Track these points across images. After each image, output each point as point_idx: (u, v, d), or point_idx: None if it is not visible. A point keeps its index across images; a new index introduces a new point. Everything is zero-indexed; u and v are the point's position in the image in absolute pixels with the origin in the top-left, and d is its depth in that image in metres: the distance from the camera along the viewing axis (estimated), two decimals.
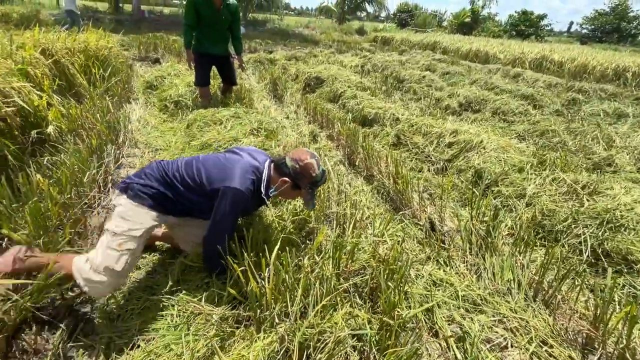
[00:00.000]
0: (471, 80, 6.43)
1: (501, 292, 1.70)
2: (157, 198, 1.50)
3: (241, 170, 1.51)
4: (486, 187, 2.61)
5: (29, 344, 1.33)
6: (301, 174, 1.54)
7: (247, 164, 1.56)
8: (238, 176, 1.48)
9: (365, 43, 15.39)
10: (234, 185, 1.45)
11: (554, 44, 17.50)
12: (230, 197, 1.45)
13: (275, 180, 1.59)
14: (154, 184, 1.50)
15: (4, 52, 2.80)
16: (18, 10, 10.42)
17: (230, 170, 1.51)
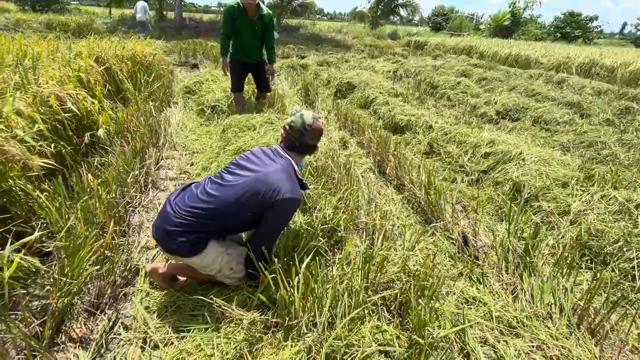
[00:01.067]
0: (510, 87, 6.14)
1: (540, 316, 1.60)
2: (203, 237, 1.47)
3: (288, 178, 1.49)
4: (525, 201, 2.47)
5: (76, 332, 1.43)
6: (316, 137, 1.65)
7: (285, 169, 1.53)
8: (289, 186, 1.46)
9: (398, 48, 15.18)
10: (289, 195, 1.43)
11: (604, 47, 16.28)
12: (289, 207, 1.48)
13: (297, 159, 1.66)
14: (190, 235, 1.43)
15: (64, 60, 3.07)
16: (75, 19, 11.38)
17: (278, 181, 1.45)
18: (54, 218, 1.63)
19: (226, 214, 1.45)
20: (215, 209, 1.44)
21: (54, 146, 2.11)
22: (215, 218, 1.46)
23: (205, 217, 1.44)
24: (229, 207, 1.44)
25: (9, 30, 9.43)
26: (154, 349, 1.40)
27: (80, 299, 1.54)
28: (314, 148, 1.71)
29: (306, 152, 1.69)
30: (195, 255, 1.46)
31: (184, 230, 1.42)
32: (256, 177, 1.47)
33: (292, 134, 1.61)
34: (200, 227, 1.44)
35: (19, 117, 1.90)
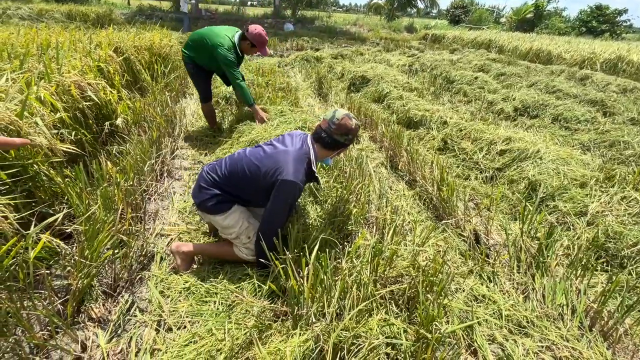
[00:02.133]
0: (529, 83, 5.96)
1: (551, 317, 1.58)
2: (229, 199, 1.67)
3: (294, 161, 1.55)
4: (541, 201, 2.42)
5: (95, 312, 1.50)
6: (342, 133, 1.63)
7: (298, 154, 1.59)
8: (292, 168, 1.53)
9: (414, 41, 14.89)
10: (289, 178, 1.50)
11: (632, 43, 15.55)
12: (287, 189, 1.52)
13: (324, 154, 1.70)
14: (214, 193, 1.65)
15: (85, 51, 3.14)
16: (95, 10, 11.59)
17: (284, 162, 1.55)
18: (74, 203, 1.70)
19: (236, 182, 1.63)
20: (229, 175, 1.64)
21: (75, 134, 2.18)
22: (230, 184, 1.64)
23: (223, 181, 1.64)
24: (239, 176, 1.61)
25: (32, 21, 9.69)
26: (168, 332, 1.46)
27: (98, 281, 1.61)
28: (342, 146, 1.69)
29: (332, 147, 1.67)
30: (219, 214, 1.66)
31: (209, 189, 1.65)
32: (270, 154, 1.60)
33: (321, 125, 1.66)
34: (221, 189, 1.65)
35: (42, 106, 1.97)
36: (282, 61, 7.59)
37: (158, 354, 1.35)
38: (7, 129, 1.66)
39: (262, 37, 2.93)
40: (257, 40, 2.93)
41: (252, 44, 2.96)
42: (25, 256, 1.28)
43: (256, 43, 2.94)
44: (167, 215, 2.25)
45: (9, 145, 0.69)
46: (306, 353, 1.21)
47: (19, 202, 1.61)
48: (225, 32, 2.99)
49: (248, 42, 2.96)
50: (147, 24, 8.65)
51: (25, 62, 2.48)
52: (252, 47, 2.99)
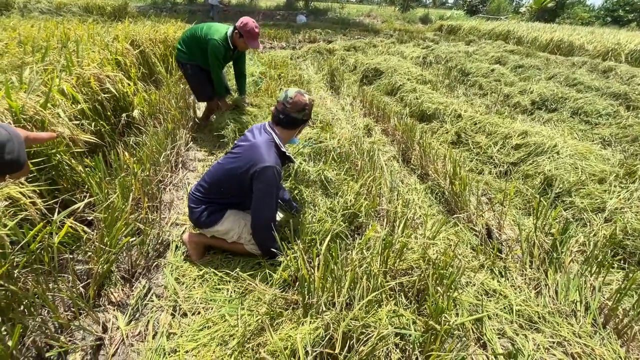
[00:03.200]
0: (548, 75, 5.77)
1: (563, 313, 1.57)
2: (219, 208, 1.74)
3: (264, 149, 1.59)
4: (556, 196, 2.37)
5: (114, 296, 1.57)
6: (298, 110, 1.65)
7: (263, 142, 1.63)
8: (265, 156, 1.57)
9: (429, 32, 14.56)
10: (265, 163, 1.55)
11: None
12: (266, 175, 1.55)
13: (284, 133, 1.71)
14: (203, 208, 1.72)
15: (103, 44, 3.22)
16: (111, 3, 11.76)
17: (254, 154, 1.59)
18: (94, 191, 1.77)
19: (221, 190, 1.70)
20: (211, 187, 1.71)
21: (94, 125, 2.25)
22: (216, 194, 1.72)
23: (208, 194, 1.72)
24: (220, 184, 1.69)
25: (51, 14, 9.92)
26: (183, 317, 1.51)
27: (117, 267, 1.68)
28: (301, 122, 1.71)
29: (292, 125, 1.70)
30: (215, 224, 1.73)
31: (198, 206, 1.73)
32: (239, 154, 1.66)
33: (277, 107, 1.68)
34: (209, 202, 1.73)
35: (63, 97, 2.04)
36: (295, 54, 7.56)
37: (174, 337, 1.41)
38: (32, 119, 1.73)
39: (248, 27, 2.81)
40: (244, 30, 2.82)
41: (240, 33, 2.87)
42: (50, 241, 1.35)
43: (243, 33, 2.83)
44: (181, 206, 2.30)
45: (38, 140, 0.72)
46: (316, 340, 1.24)
47: (44, 190, 1.69)
48: (219, 27, 2.98)
49: (236, 32, 2.88)
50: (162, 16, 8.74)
51: (47, 55, 2.56)
52: (239, 37, 2.90)
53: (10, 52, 2.64)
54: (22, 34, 3.26)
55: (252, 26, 2.83)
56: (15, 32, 3.42)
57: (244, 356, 1.29)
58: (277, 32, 10.13)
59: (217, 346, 1.35)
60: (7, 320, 1.16)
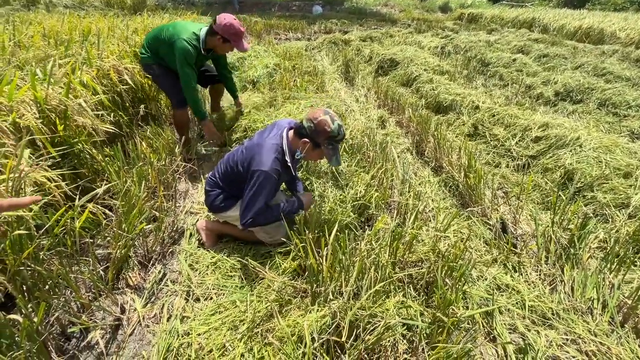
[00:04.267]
0: (575, 65, 5.49)
1: (579, 310, 1.52)
2: (232, 195, 1.77)
3: (266, 151, 1.60)
4: (577, 191, 2.28)
5: (132, 280, 1.64)
6: (317, 132, 1.57)
7: (269, 144, 1.63)
8: (264, 158, 1.58)
9: (448, 21, 14.09)
10: (260, 167, 1.56)
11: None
12: (257, 178, 1.57)
13: (296, 143, 1.66)
14: (217, 193, 1.78)
15: (122, 36, 3.29)
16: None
17: (257, 154, 1.61)
18: (113, 179, 1.84)
19: (231, 180, 1.74)
20: (224, 175, 1.76)
21: (113, 116, 2.33)
22: (227, 183, 1.76)
23: (222, 181, 1.77)
24: (230, 174, 1.73)
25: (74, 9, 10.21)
26: (196, 302, 1.57)
27: (135, 252, 1.75)
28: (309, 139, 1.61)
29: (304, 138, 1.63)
30: (228, 210, 1.77)
31: (213, 190, 1.79)
32: (246, 147, 1.71)
33: (307, 117, 1.62)
34: (222, 188, 1.77)
35: (84, 89, 2.11)
36: (310, 45, 7.50)
37: (187, 320, 1.46)
38: (56, 109, 1.80)
39: (234, 28, 2.31)
40: (229, 33, 2.31)
41: (224, 38, 2.34)
42: (72, 225, 1.42)
43: (229, 36, 2.33)
44: (196, 195, 2.36)
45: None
46: (323, 328, 1.26)
47: (67, 175, 1.77)
48: (189, 26, 2.43)
49: (219, 37, 2.34)
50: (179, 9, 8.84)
51: (70, 48, 2.65)
52: (224, 42, 2.37)
53: (35, 46, 2.74)
54: (46, 28, 3.38)
55: (238, 26, 2.33)
56: (40, 26, 3.55)
57: (253, 341, 1.32)
58: (293, 23, 10.06)
59: (227, 330, 1.39)
60: (33, 299, 1.23)
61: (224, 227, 1.90)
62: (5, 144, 1.47)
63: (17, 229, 1.18)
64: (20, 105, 1.65)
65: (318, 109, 1.64)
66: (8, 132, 1.51)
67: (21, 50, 2.59)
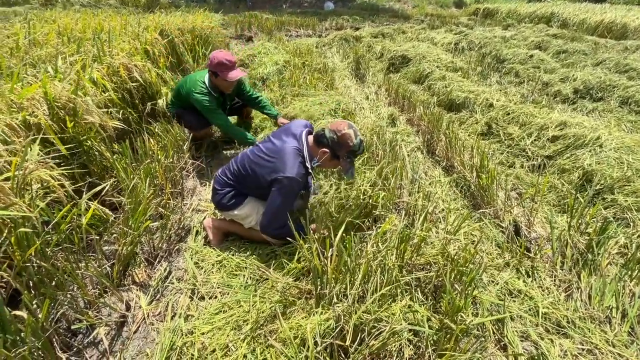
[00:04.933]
0: (596, 61, 5.27)
1: (596, 319, 1.45)
2: (241, 193, 1.78)
3: (289, 157, 1.59)
4: (596, 193, 2.18)
5: (138, 277, 1.65)
6: (339, 144, 1.60)
7: (291, 149, 1.62)
8: (289, 165, 1.57)
9: (463, 17, 13.78)
10: (287, 174, 1.55)
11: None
12: (284, 185, 1.56)
13: (315, 151, 1.67)
14: (227, 191, 1.77)
15: (134, 34, 3.32)
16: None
17: (280, 160, 1.60)
18: (120, 176, 1.85)
19: (245, 181, 1.73)
20: (238, 175, 1.75)
21: (122, 113, 2.34)
22: (240, 182, 1.75)
23: (234, 180, 1.76)
24: (245, 175, 1.72)
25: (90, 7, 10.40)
26: (201, 300, 1.56)
27: (141, 249, 1.75)
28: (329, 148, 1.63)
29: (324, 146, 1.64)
30: (235, 208, 1.77)
31: (222, 189, 1.78)
32: (265, 155, 1.67)
33: (329, 127, 1.64)
34: (233, 187, 1.77)
35: (94, 86, 2.13)
36: (320, 41, 7.44)
37: (191, 319, 1.46)
38: (65, 107, 1.82)
39: (217, 59, 2.34)
40: (214, 66, 2.35)
41: (215, 73, 2.40)
42: (79, 222, 1.43)
43: (215, 69, 2.36)
44: (203, 192, 2.36)
45: None
46: (326, 331, 1.24)
47: (77, 173, 1.79)
48: (196, 77, 2.52)
49: (212, 75, 2.43)
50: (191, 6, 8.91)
51: (82, 45, 2.68)
52: (216, 77, 2.42)
53: (49, 43, 2.79)
54: (61, 26, 3.44)
55: (222, 57, 2.35)
56: (55, 24, 3.61)
57: (256, 342, 1.31)
58: (304, 20, 10.01)
59: (231, 330, 1.38)
60: (39, 295, 1.25)
61: (231, 225, 1.89)
62: (15, 141, 1.49)
63: (23, 225, 1.18)
64: (30, 103, 1.66)
65: (342, 121, 1.65)
66: (18, 130, 1.52)
67: (35, 48, 2.64)
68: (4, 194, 1.15)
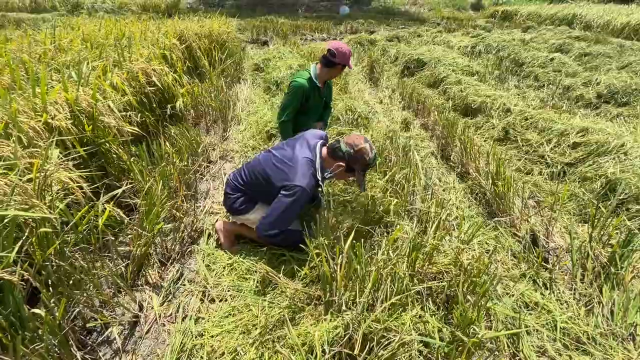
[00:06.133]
0: (621, 64, 5.08)
1: (619, 336, 1.38)
2: (252, 199, 1.79)
3: (301, 167, 1.59)
4: (620, 203, 2.09)
5: (151, 278, 1.68)
6: (355, 159, 1.61)
7: (304, 160, 1.62)
8: (300, 174, 1.57)
9: (480, 19, 13.54)
10: (297, 183, 1.55)
11: None
12: (293, 193, 1.55)
13: (329, 163, 1.68)
14: (238, 196, 1.78)
15: (153, 39, 3.42)
16: (165, 1, 12.50)
17: (292, 168, 1.60)
18: (137, 179, 1.89)
19: (256, 187, 1.74)
20: (249, 181, 1.75)
21: (140, 116, 2.41)
22: (251, 188, 1.76)
23: (245, 186, 1.77)
24: (256, 181, 1.72)
25: (114, 13, 10.79)
26: (211, 302, 1.58)
27: (155, 251, 1.79)
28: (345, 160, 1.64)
29: (340, 159, 1.65)
30: (247, 212, 1.79)
31: (234, 193, 1.79)
32: (278, 163, 1.66)
33: (345, 141, 1.65)
34: (244, 192, 1.78)
35: (114, 91, 2.20)
36: None
37: (201, 321, 1.47)
38: (85, 111, 1.89)
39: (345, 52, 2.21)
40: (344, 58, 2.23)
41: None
42: (96, 223, 1.47)
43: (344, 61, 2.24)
44: (217, 195, 2.39)
45: None
46: (335, 339, 1.22)
47: (94, 175, 1.84)
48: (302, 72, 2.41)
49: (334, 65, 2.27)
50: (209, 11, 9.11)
51: (104, 51, 2.78)
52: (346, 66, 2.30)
53: (74, 49, 2.90)
54: (85, 32, 3.58)
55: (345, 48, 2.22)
56: (79, 30, 3.76)
57: (265, 347, 1.31)
58: (319, 24, 10.07)
59: (240, 334, 1.39)
60: (57, 294, 1.29)
61: (242, 229, 1.90)
62: (37, 144, 1.55)
63: (43, 226, 1.23)
64: (53, 106, 1.73)
65: (358, 135, 1.67)
66: (41, 132, 1.59)
67: (60, 54, 2.75)
68: (27, 196, 1.20)
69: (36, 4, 11.65)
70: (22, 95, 1.80)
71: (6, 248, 1.11)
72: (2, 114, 1.54)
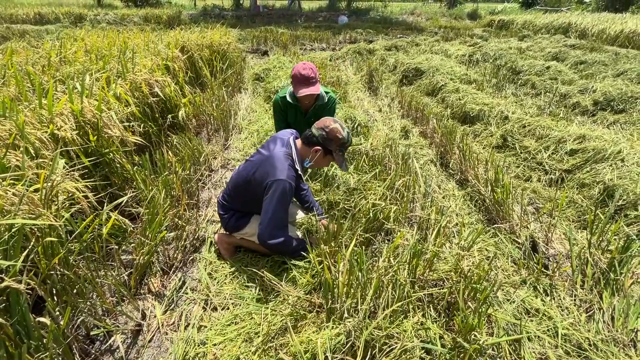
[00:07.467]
0: (617, 72, 5.15)
1: (620, 342, 1.39)
2: (244, 214, 1.80)
3: (279, 161, 1.59)
4: (618, 209, 2.11)
5: (154, 286, 1.69)
6: (329, 139, 1.62)
7: (280, 153, 1.63)
8: (279, 168, 1.57)
9: (477, 29, 13.77)
10: (278, 177, 1.55)
11: None
12: (276, 189, 1.55)
13: (306, 152, 1.70)
14: (231, 214, 1.80)
15: (155, 51, 3.48)
16: (166, 12, 12.72)
17: (270, 165, 1.60)
18: (139, 188, 1.92)
19: (242, 199, 1.74)
20: (234, 195, 1.76)
21: (143, 126, 2.45)
22: (238, 203, 1.77)
23: (233, 202, 1.78)
24: (240, 192, 1.73)
25: (116, 25, 10.97)
26: (213, 311, 1.58)
27: (157, 259, 1.80)
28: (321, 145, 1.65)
29: (314, 144, 1.66)
30: (242, 228, 1.79)
31: (225, 213, 1.81)
32: (254, 166, 1.67)
33: (315, 126, 1.68)
34: (234, 209, 1.79)
35: (117, 102, 2.24)
36: (334, 55, 7.57)
37: (203, 330, 1.48)
38: (90, 121, 1.92)
39: (294, 74, 2.16)
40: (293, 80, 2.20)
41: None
42: (99, 232, 1.49)
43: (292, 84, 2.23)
44: None
45: None
46: (337, 347, 1.23)
47: (98, 185, 1.87)
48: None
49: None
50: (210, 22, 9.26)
51: (107, 62, 2.83)
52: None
53: (77, 61, 2.96)
54: (88, 44, 3.64)
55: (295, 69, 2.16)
56: (83, 42, 3.83)
57: (267, 354, 1.31)
58: (318, 33, 10.22)
59: (242, 342, 1.39)
60: (61, 302, 1.30)
61: (241, 240, 1.90)
62: (44, 154, 1.58)
63: (49, 235, 1.25)
64: (59, 118, 1.77)
65: (326, 118, 1.68)
66: (47, 143, 1.62)
67: (65, 65, 2.81)
68: (34, 205, 1.22)
69: (40, 16, 11.85)
70: (28, 106, 1.84)
71: (13, 257, 1.12)
72: (10, 125, 1.57)
